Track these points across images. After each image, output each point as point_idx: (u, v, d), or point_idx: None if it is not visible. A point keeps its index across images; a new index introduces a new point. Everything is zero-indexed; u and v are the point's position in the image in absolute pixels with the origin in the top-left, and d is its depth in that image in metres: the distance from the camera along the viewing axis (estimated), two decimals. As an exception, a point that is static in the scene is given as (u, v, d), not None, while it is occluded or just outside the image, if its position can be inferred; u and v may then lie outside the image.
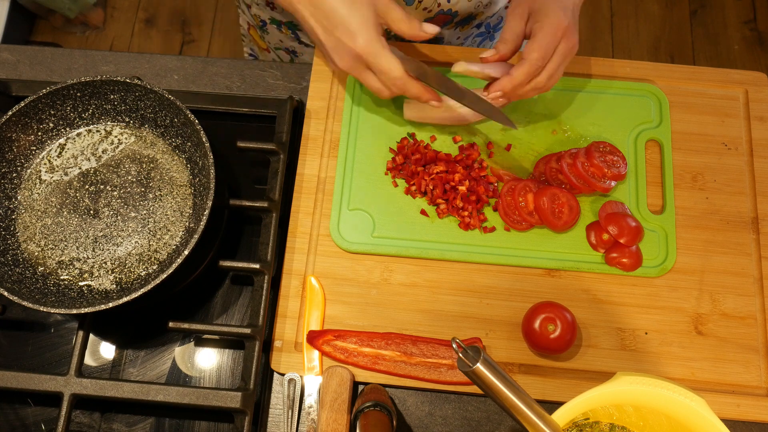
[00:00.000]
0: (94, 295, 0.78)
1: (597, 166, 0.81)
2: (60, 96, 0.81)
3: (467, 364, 0.59)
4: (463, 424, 0.77)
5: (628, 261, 0.80)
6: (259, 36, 1.10)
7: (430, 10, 0.90)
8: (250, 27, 1.11)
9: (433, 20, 0.93)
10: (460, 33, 0.99)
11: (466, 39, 1.02)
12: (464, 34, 1.00)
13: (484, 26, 1.01)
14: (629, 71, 0.91)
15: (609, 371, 0.77)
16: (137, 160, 0.84)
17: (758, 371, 0.78)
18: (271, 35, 1.06)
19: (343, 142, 0.87)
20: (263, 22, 1.04)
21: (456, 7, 0.91)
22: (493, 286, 0.81)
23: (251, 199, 0.81)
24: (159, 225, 0.81)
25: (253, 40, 1.13)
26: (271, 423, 0.77)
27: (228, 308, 0.83)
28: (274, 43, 1.08)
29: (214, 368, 0.80)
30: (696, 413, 0.62)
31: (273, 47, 1.10)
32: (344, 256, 0.83)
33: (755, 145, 0.88)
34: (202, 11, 2.24)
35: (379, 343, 0.77)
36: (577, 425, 0.68)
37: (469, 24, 0.98)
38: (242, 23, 1.13)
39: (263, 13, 1.02)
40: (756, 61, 2.14)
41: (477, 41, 1.04)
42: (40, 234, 0.80)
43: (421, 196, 0.85)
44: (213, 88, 0.92)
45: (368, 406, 0.69)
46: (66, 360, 0.81)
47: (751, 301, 0.81)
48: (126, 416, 0.78)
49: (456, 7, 0.91)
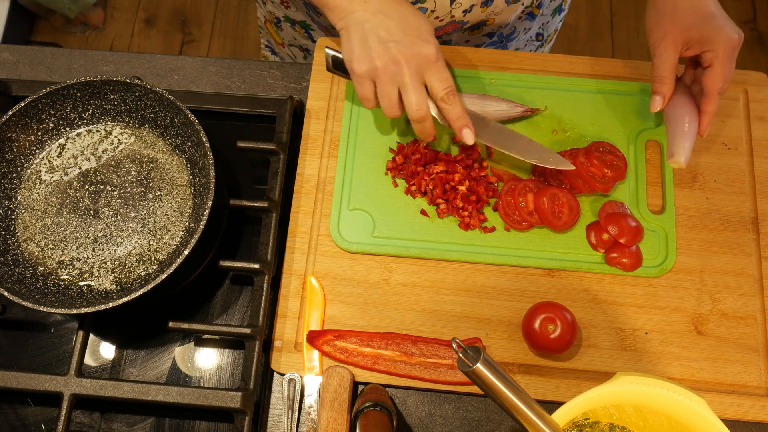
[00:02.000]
0: (94, 295, 0.78)
1: (597, 166, 0.81)
2: (60, 96, 0.81)
3: (467, 364, 0.59)
4: (463, 424, 0.77)
5: (628, 261, 0.80)
6: (275, 31, 1.11)
7: (441, 19, 0.90)
8: (266, 21, 1.12)
9: (444, 28, 0.92)
10: (469, 36, 0.98)
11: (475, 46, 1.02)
12: (474, 40, 1.00)
13: (496, 36, 1.00)
14: (629, 71, 0.91)
15: (609, 371, 0.77)
16: (137, 160, 0.84)
17: (758, 371, 0.78)
18: (285, 32, 1.07)
19: (343, 142, 0.87)
20: (278, 19, 1.05)
21: (468, 18, 0.91)
22: (493, 286, 0.81)
23: (251, 199, 0.81)
24: (159, 225, 0.81)
25: (269, 32, 1.15)
26: (271, 423, 0.77)
27: (228, 308, 0.83)
28: (288, 39, 1.09)
29: (214, 368, 0.80)
30: (696, 413, 0.62)
31: (287, 43, 1.11)
32: (344, 256, 0.83)
33: (755, 145, 0.88)
34: (202, 11, 2.23)
35: (379, 343, 0.77)
36: (577, 425, 0.68)
37: (479, 30, 0.97)
38: (259, 16, 1.15)
39: (278, 10, 1.03)
40: (756, 61, 2.14)
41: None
42: (40, 234, 0.80)
43: (421, 196, 0.85)
44: (213, 88, 0.92)
45: (368, 406, 0.69)
46: (66, 360, 0.81)
47: (751, 301, 0.81)
48: (126, 416, 0.78)
49: (468, 18, 0.91)
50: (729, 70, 0.75)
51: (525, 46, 1.07)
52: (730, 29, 0.75)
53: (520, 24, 1.00)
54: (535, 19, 1.02)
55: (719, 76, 0.75)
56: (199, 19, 2.23)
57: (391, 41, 0.74)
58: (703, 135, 0.78)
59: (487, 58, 0.92)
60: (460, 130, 0.77)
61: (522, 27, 1.01)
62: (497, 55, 0.92)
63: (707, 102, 0.77)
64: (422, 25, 0.75)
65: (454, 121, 0.77)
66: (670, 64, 0.76)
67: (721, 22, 0.75)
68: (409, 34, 0.74)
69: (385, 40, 0.74)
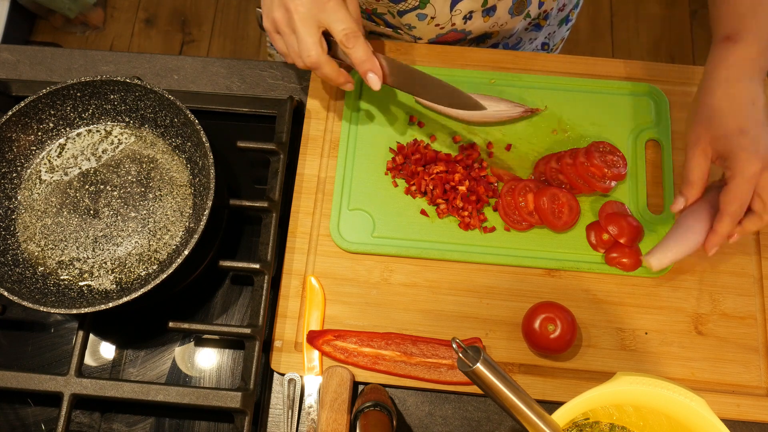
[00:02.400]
0: (94, 295, 0.78)
1: (597, 166, 0.81)
2: (60, 96, 0.81)
3: (467, 364, 0.59)
4: (463, 424, 0.77)
5: (628, 261, 0.80)
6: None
7: (442, 26, 0.89)
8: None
9: (445, 36, 0.91)
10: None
11: None
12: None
13: (501, 46, 0.99)
14: (629, 71, 0.91)
15: (609, 371, 0.77)
16: (137, 160, 0.84)
17: (758, 371, 0.78)
18: None
19: (343, 142, 0.87)
20: None
21: (470, 28, 0.90)
22: (493, 286, 0.81)
23: (251, 199, 0.81)
24: (159, 225, 0.81)
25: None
26: (271, 423, 0.77)
27: (228, 308, 0.83)
28: None
29: (214, 368, 0.80)
30: (696, 413, 0.62)
31: None
32: (344, 256, 0.83)
33: (755, 145, 0.88)
34: (202, 11, 2.23)
35: (379, 343, 0.77)
36: (577, 425, 0.68)
37: (484, 42, 0.96)
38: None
39: None
40: (756, 61, 2.14)
41: None
42: (40, 234, 0.80)
43: (421, 196, 0.85)
44: (213, 88, 0.92)
45: (368, 406, 0.69)
46: (66, 360, 0.81)
47: (751, 301, 0.81)
48: (126, 416, 0.78)
49: (470, 28, 0.90)
50: (744, 195, 0.69)
51: None
52: (754, 152, 0.68)
53: (526, 35, 1.00)
54: (541, 30, 1.02)
55: (731, 196, 0.69)
56: (199, 19, 2.23)
57: None
58: (708, 253, 0.73)
59: (487, 58, 0.92)
60: (365, 74, 0.74)
61: (528, 37, 1.01)
62: (497, 55, 0.92)
63: (718, 220, 0.71)
64: None
65: (358, 66, 0.73)
66: (699, 171, 0.72)
67: (748, 143, 0.68)
68: None
69: None
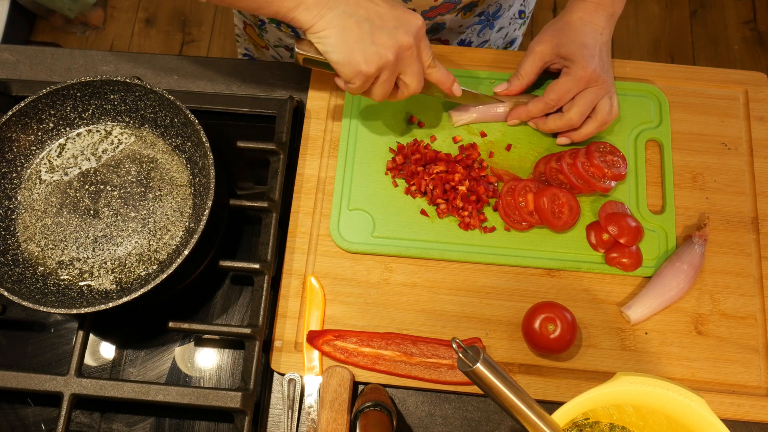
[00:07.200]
0: (94, 295, 0.78)
1: (597, 166, 0.81)
2: (60, 96, 0.81)
3: (467, 364, 0.59)
4: (463, 424, 0.77)
5: (628, 261, 0.80)
6: (257, 34, 1.10)
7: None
8: (246, 26, 1.11)
9: (439, 8, 0.92)
10: (462, 21, 0.98)
11: (467, 28, 1.02)
12: (466, 22, 1.00)
13: (483, 15, 1.01)
14: (629, 71, 0.91)
15: (609, 371, 0.77)
16: (137, 160, 0.84)
17: (758, 371, 0.78)
18: (270, 34, 1.06)
19: (343, 142, 0.87)
20: (262, 21, 1.04)
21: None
22: (493, 286, 0.81)
23: (251, 199, 0.81)
24: (159, 225, 0.81)
25: (250, 38, 1.13)
26: (271, 423, 0.77)
27: (228, 308, 0.83)
28: (274, 41, 1.08)
29: (214, 368, 0.80)
30: (696, 413, 0.62)
31: (272, 45, 1.09)
32: (344, 256, 0.83)
33: (755, 145, 0.88)
34: (202, 11, 2.23)
35: (379, 343, 0.77)
36: (577, 425, 0.68)
37: (471, 11, 0.97)
38: (237, 23, 1.13)
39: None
40: (756, 61, 2.14)
41: (477, 29, 1.04)
42: (40, 234, 0.80)
43: (421, 196, 0.85)
44: (213, 88, 0.92)
45: (368, 406, 0.69)
46: (66, 360, 0.81)
47: (751, 301, 0.81)
48: (126, 416, 0.78)
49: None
50: (567, 92, 0.80)
51: (509, 24, 1.08)
52: (592, 63, 0.79)
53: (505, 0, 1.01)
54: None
55: (555, 88, 0.81)
56: (199, 19, 2.23)
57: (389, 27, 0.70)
58: (508, 122, 0.86)
59: (487, 58, 0.92)
60: (451, 86, 0.79)
61: (507, 4, 1.03)
62: (497, 55, 0.92)
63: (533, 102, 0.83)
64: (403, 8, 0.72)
65: (444, 81, 0.78)
66: (531, 67, 0.84)
67: (586, 54, 0.79)
68: (396, 9, 0.71)
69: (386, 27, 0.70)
